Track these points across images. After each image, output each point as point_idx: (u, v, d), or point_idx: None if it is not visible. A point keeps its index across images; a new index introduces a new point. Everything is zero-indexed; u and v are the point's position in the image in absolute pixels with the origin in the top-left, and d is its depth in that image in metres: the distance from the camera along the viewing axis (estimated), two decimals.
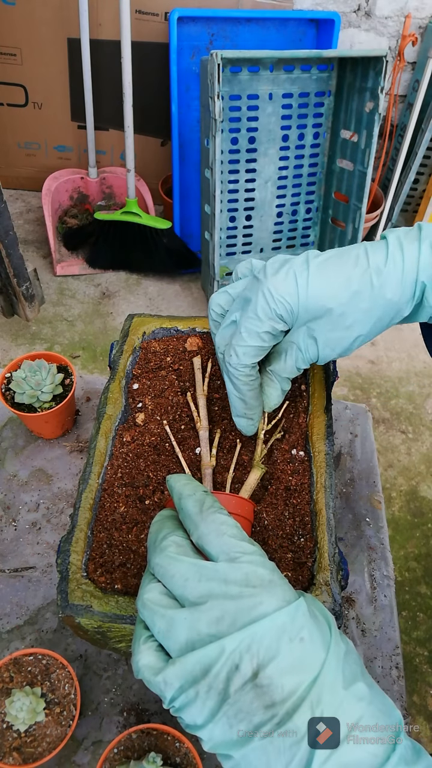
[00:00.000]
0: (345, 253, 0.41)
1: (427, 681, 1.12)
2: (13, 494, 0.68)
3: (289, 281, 0.40)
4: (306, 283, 0.40)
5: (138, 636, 0.32)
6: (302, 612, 0.29)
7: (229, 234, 1.67)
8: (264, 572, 0.31)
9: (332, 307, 0.40)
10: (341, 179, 1.63)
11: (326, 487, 0.48)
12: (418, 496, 1.44)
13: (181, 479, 0.36)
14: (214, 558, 0.31)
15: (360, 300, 0.40)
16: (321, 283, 0.40)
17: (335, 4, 1.69)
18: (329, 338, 0.42)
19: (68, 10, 1.66)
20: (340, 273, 0.40)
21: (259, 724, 0.27)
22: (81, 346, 1.67)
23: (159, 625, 0.30)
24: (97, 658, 0.58)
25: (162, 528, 0.34)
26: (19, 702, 0.49)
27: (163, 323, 0.61)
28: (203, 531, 0.32)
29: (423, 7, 1.68)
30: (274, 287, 0.41)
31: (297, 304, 0.41)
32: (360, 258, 0.40)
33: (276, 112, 1.51)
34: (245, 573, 0.30)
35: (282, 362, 0.46)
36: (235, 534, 0.32)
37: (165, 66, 1.63)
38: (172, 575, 0.31)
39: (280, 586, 0.30)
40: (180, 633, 0.29)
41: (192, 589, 0.30)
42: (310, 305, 0.41)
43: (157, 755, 0.47)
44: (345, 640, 0.31)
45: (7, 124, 1.93)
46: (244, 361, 0.43)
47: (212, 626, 0.29)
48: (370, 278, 0.40)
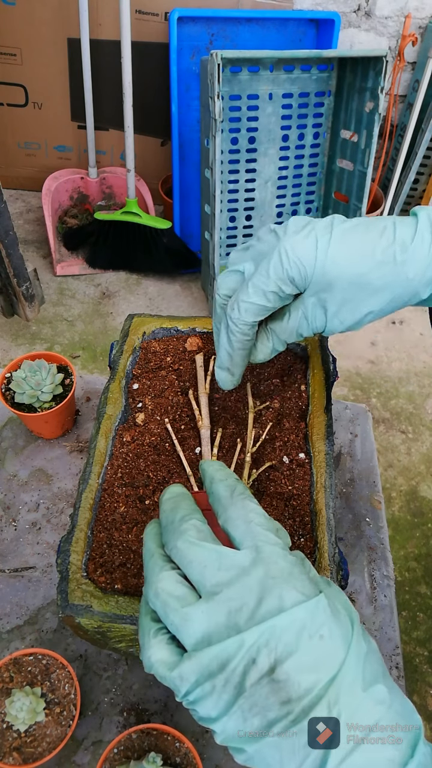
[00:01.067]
0: (372, 223, 0.39)
1: (427, 681, 1.12)
2: (13, 494, 0.68)
3: (308, 242, 0.38)
4: (326, 247, 0.38)
5: (147, 629, 0.31)
6: (323, 608, 0.29)
7: (229, 234, 1.67)
8: (285, 565, 0.30)
9: (350, 276, 0.38)
10: (341, 179, 1.63)
11: (326, 487, 0.48)
12: (418, 496, 1.44)
13: (214, 464, 0.36)
14: (238, 544, 0.31)
15: (380, 273, 0.38)
16: (342, 250, 0.38)
17: (335, 4, 1.69)
18: (340, 309, 0.40)
19: (68, 10, 1.66)
20: (365, 242, 0.38)
21: (274, 719, 0.27)
22: (81, 346, 1.67)
23: (173, 618, 0.29)
24: (97, 658, 0.58)
25: (178, 507, 0.34)
26: (19, 702, 0.49)
27: (163, 323, 0.61)
28: (231, 515, 0.32)
29: (423, 7, 1.68)
30: (292, 246, 0.38)
31: (313, 268, 0.38)
32: (387, 230, 0.38)
33: (276, 112, 1.51)
34: (266, 564, 0.30)
35: (284, 323, 0.44)
36: (262, 523, 0.32)
37: (165, 66, 1.63)
38: (191, 561, 0.30)
39: (299, 579, 0.30)
40: (196, 626, 0.29)
41: (210, 577, 0.29)
42: (327, 271, 0.38)
43: (157, 755, 0.47)
44: (367, 639, 0.30)
45: (7, 124, 1.93)
46: (245, 318, 0.42)
47: (230, 618, 0.28)
48: (394, 252, 0.38)
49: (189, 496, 0.35)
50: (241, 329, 0.42)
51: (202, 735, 0.54)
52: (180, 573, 0.31)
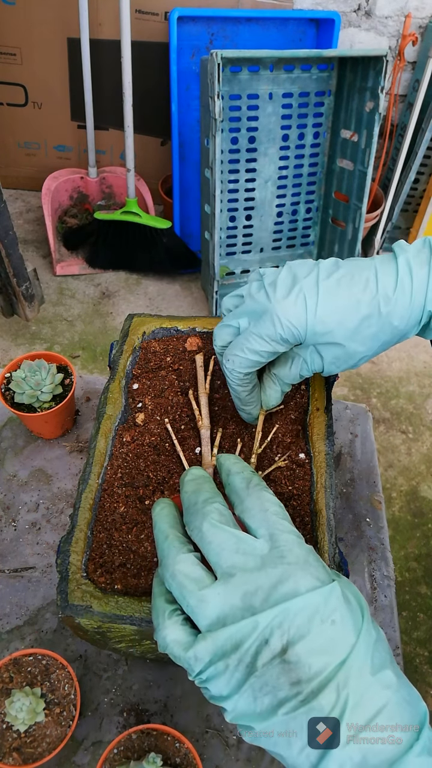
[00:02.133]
0: (356, 274, 0.41)
1: (427, 681, 1.12)
2: (13, 494, 0.68)
3: (298, 306, 0.41)
4: (315, 307, 0.41)
5: (161, 609, 0.32)
6: (336, 595, 0.30)
7: (229, 234, 1.67)
8: (300, 552, 0.31)
9: (340, 332, 0.42)
10: (341, 179, 1.63)
11: (326, 487, 0.48)
12: (418, 496, 1.43)
13: (231, 458, 0.38)
14: (255, 532, 0.32)
15: (367, 325, 0.41)
16: (330, 308, 0.41)
17: (335, 4, 1.69)
18: (335, 356, 0.44)
19: (68, 10, 1.66)
20: (350, 297, 0.41)
21: (284, 699, 0.28)
22: (81, 346, 1.67)
23: (189, 600, 0.30)
24: (97, 658, 0.58)
25: (201, 490, 0.35)
26: (19, 702, 0.49)
27: (163, 323, 0.61)
28: (248, 505, 0.33)
29: (423, 6, 1.68)
30: (283, 312, 0.41)
31: (305, 329, 0.42)
32: (369, 282, 0.41)
33: (276, 112, 1.51)
34: (282, 550, 0.31)
35: (286, 369, 0.48)
36: (278, 512, 0.33)
37: (165, 66, 1.62)
38: (210, 541, 0.31)
39: (314, 566, 0.31)
40: (211, 607, 0.29)
41: (227, 558, 0.30)
42: (317, 329, 0.41)
43: (157, 755, 0.47)
44: (377, 628, 0.31)
45: (7, 124, 1.93)
46: (239, 369, 0.45)
47: (245, 600, 0.29)
48: (378, 305, 0.40)
49: (210, 479, 0.36)
50: (237, 377, 0.46)
51: (202, 735, 0.54)
52: (197, 555, 0.32)
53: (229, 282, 1.76)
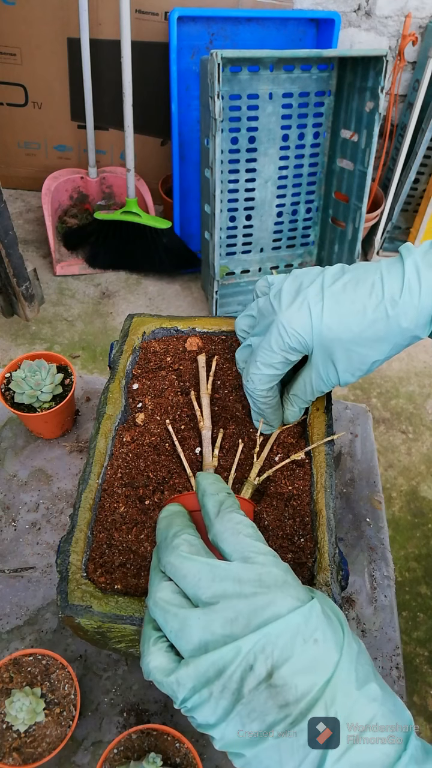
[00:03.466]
0: (361, 280, 0.41)
1: (428, 681, 1.12)
2: (13, 494, 0.68)
3: (302, 314, 0.41)
4: (320, 315, 0.41)
5: (147, 636, 0.31)
6: (316, 613, 0.29)
7: (229, 234, 1.67)
8: (278, 572, 0.31)
9: (347, 337, 0.41)
10: (341, 179, 1.63)
11: (326, 487, 0.48)
12: (418, 496, 1.43)
13: (209, 478, 0.37)
14: (228, 556, 0.32)
15: (375, 330, 0.41)
16: (335, 315, 0.41)
17: (335, 4, 1.69)
18: (348, 365, 0.44)
19: (68, 9, 1.66)
20: (355, 303, 0.41)
21: (273, 723, 0.28)
22: (81, 346, 1.67)
23: (171, 624, 0.30)
24: (97, 658, 0.58)
25: (171, 524, 0.34)
26: (19, 702, 0.49)
27: (163, 323, 0.61)
28: (219, 529, 0.32)
29: (423, 6, 1.68)
30: (288, 321, 0.42)
31: (311, 337, 0.42)
32: (375, 286, 0.40)
33: (276, 112, 1.51)
34: (259, 573, 0.30)
35: (304, 387, 0.48)
36: (251, 534, 0.32)
37: (165, 66, 1.62)
38: (185, 575, 0.31)
39: (293, 586, 0.30)
40: (193, 633, 0.29)
41: (205, 589, 0.30)
42: (324, 336, 0.42)
43: (157, 755, 0.47)
44: (357, 641, 0.31)
45: (7, 124, 1.93)
46: (260, 387, 0.47)
47: (226, 627, 0.29)
48: (385, 309, 0.40)
49: (184, 513, 0.36)
50: (259, 396, 0.48)
51: (202, 736, 0.54)
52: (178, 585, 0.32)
53: (229, 282, 1.76)
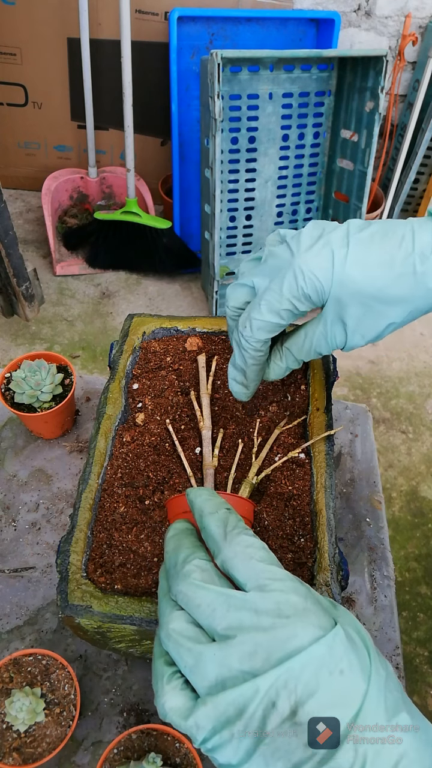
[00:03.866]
0: (390, 231, 0.37)
1: (428, 681, 1.12)
2: (13, 494, 0.68)
3: (324, 259, 0.37)
4: (343, 262, 0.37)
5: (160, 673, 0.29)
6: (340, 640, 0.27)
7: (229, 234, 1.67)
8: (297, 599, 0.28)
9: (369, 291, 0.37)
10: (341, 179, 1.63)
11: (326, 487, 0.48)
12: (418, 496, 1.43)
13: (202, 494, 0.34)
14: (242, 584, 0.29)
15: (400, 286, 0.37)
16: (360, 264, 0.37)
17: (335, 4, 1.69)
18: (360, 324, 0.39)
19: (68, 9, 1.66)
20: (383, 253, 0.37)
21: (299, 762, 0.26)
22: (81, 346, 1.67)
23: (186, 659, 0.28)
24: (97, 658, 0.57)
25: (180, 547, 0.32)
26: (19, 702, 0.49)
27: (163, 323, 0.61)
28: (228, 554, 0.30)
29: (423, 6, 1.68)
30: (306, 264, 0.37)
31: (330, 284, 0.37)
32: (405, 239, 0.37)
33: (276, 112, 1.51)
34: (276, 602, 0.28)
35: (301, 342, 0.43)
36: (264, 558, 0.30)
37: (165, 66, 1.62)
38: (198, 604, 0.29)
39: (314, 612, 0.28)
40: (209, 669, 0.27)
41: (220, 620, 0.28)
42: (344, 286, 0.37)
43: (157, 755, 0.47)
44: (384, 664, 0.29)
45: (7, 124, 1.93)
46: (257, 335, 0.41)
47: (245, 662, 0.27)
48: (413, 263, 0.36)
49: (192, 531, 0.34)
50: (253, 346, 0.42)
51: None
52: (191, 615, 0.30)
53: (229, 282, 1.76)
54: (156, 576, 0.43)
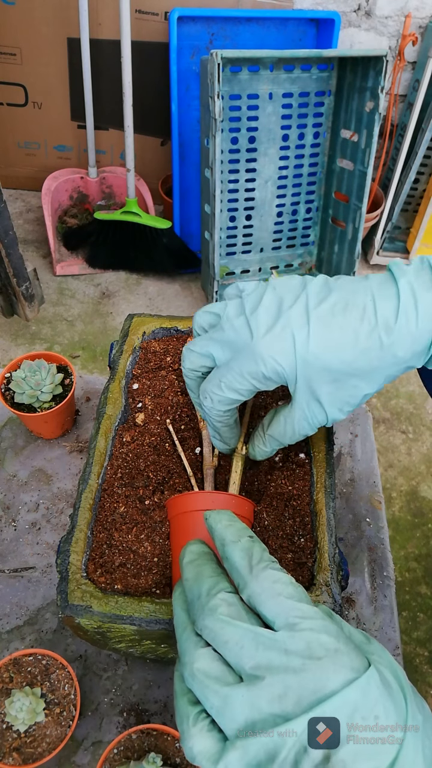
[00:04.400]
0: (350, 303, 0.36)
1: (428, 681, 1.12)
2: (13, 494, 0.68)
3: (285, 343, 0.36)
4: (306, 342, 0.36)
5: (185, 713, 0.28)
6: (375, 684, 0.26)
7: (229, 234, 1.66)
8: (328, 639, 0.27)
9: (337, 367, 0.36)
10: (341, 179, 1.63)
11: (326, 487, 0.48)
12: (418, 496, 1.43)
13: (222, 519, 0.33)
14: (270, 621, 0.29)
15: (367, 359, 0.36)
16: (323, 342, 0.36)
17: (335, 4, 1.69)
18: (335, 398, 0.39)
19: (68, 9, 1.66)
20: (346, 329, 0.36)
21: None
22: (81, 346, 1.67)
23: (212, 700, 0.27)
24: (97, 658, 0.58)
25: (201, 576, 0.31)
26: (19, 702, 0.49)
27: (163, 323, 0.61)
28: (255, 590, 0.29)
29: (423, 6, 1.68)
30: (267, 349, 0.36)
31: (293, 367, 0.37)
32: (367, 310, 0.36)
33: (276, 112, 1.51)
34: (307, 642, 0.27)
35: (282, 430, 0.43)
36: (292, 594, 0.29)
37: (165, 66, 1.62)
38: (225, 641, 0.28)
39: (346, 654, 0.27)
40: (238, 711, 0.26)
41: (249, 659, 0.27)
42: (310, 365, 0.37)
43: (157, 756, 0.47)
44: (421, 706, 0.28)
45: (7, 124, 1.93)
46: (219, 407, 0.41)
47: (274, 704, 0.26)
48: (378, 336, 0.35)
49: (212, 556, 0.33)
50: (216, 416, 0.42)
51: None
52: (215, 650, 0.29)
53: (229, 282, 1.75)
54: (156, 576, 0.43)
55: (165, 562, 0.44)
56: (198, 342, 0.41)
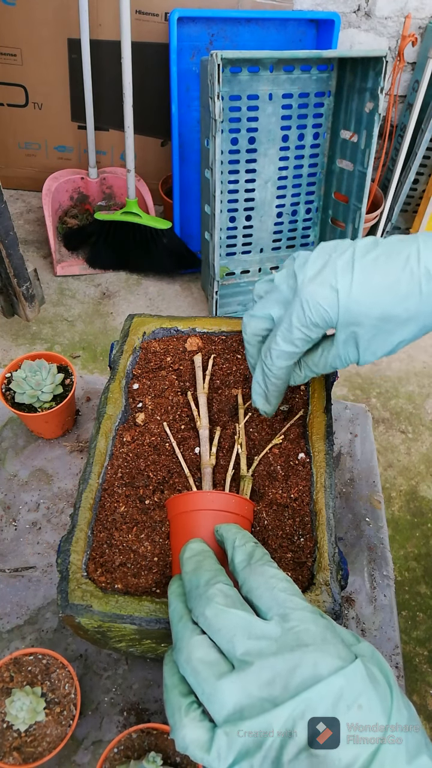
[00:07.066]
0: (395, 252, 0.38)
1: (427, 681, 1.12)
2: (14, 494, 0.68)
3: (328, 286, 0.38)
4: (348, 289, 0.38)
5: (176, 705, 0.29)
6: (360, 675, 0.27)
7: (229, 234, 1.67)
8: (317, 629, 0.29)
9: (376, 313, 0.38)
10: (341, 179, 1.64)
11: (326, 486, 0.48)
12: (417, 495, 1.44)
13: (231, 528, 0.35)
14: (264, 613, 0.30)
15: (406, 306, 0.38)
16: (365, 289, 0.38)
17: (335, 5, 1.69)
18: (371, 343, 0.40)
19: (68, 10, 1.66)
20: (387, 276, 0.37)
21: None
22: (81, 346, 1.67)
23: (204, 687, 0.28)
24: (97, 657, 0.58)
25: (200, 569, 0.32)
26: (20, 702, 0.49)
27: (163, 323, 0.61)
28: (252, 584, 0.31)
29: (423, 7, 1.68)
30: (312, 294, 0.38)
31: (336, 313, 0.39)
32: (411, 258, 0.37)
33: (276, 113, 1.51)
34: (297, 631, 0.28)
35: (318, 358, 0.45)
36: (286, 588, 0.30)
37: (165, 66, 1.63)
38: (220, 628, 0.29)
39: (334, 644, 0.28)
40: (227, 696, 0.27)
41: (240, 645, 0.28)
42: (352, 310, 0.38)
43: (157, 755, 0.47)
44: (407, 704, 0.28)
45: (8, 125, 1.93)
46: (278, 363, 0.43)
47: (263, 689, 0.27)
48: (419, 283, 0.37)
49: (211, 553, 0.34)
50: (276, 373, 0.44)
51: None
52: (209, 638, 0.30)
53: (229, 282, 1.76)
54: (156, 575, 0.43)
55: (165, 561, 0.44)
56: (256, 306, 0.44)
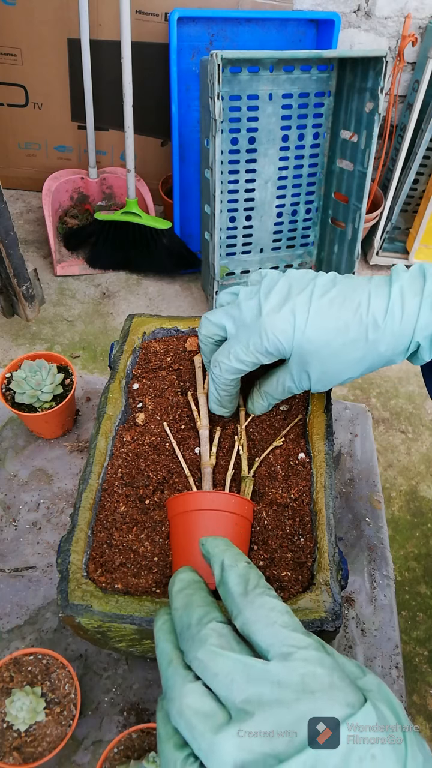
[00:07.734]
0: (349, 297, 0.41)
1: (427, 681, 1.12)
2: (14, 494, 0.68)
3: (286, 323, 0.42)
4: (304, 326, 0.41)
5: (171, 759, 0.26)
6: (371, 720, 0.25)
7: (229, 234, 1.67)
8: (323, 672, 0.26)
9: (326, 352, 0.42)
10: (341, 179, 1.64)
11: (326, 486, 0.48)
12: (417, 495, 1.44)
13: (219, 544, 0.32)
14: (263, 651, 0.27)
15: (353, 349, 0.42)
16: (318, 328, 0.41)
17: (335, 5, 1.69)
18: (321, 377, 0.44)
19: (68, 10, 1.66)
20: (339, 320, 0.41)
21: None
22: (81, 346, 1.67)
23: (200, 743, 0.25)
24: (98, 657, 0.58)
25: (191, 605, 0.30)
26: (19, 702, 0.49)
27: (163, 323, 0.61)
28: (249, 617, 0.28)
29: (423, 7, 1.68)
30: (271, 326, 0.42)
31: (290, 345, 0.42)
32: (361, 306, 0.41)
33: (276, 113, 1.51)
34: (301, 674, 0.26)
35: (275, 386, 0.49)
36: (287, 623, 0.28)
37: (165, 66, 1.63)
38: (216, 673, 0.26)
39: (342, 689, 0.26)
40: (227, 755, 0.24)
41: (239, 692, 0.26)
42: (304, 347, 0.42)
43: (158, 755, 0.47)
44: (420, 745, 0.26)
45: (8, 125, 1.93)
46: (226, 376, 0.47)
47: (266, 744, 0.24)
48: (366, 331, 0.41)
49: (202, 585, 0.32)
50: (223, 383, 0.48)
51: None
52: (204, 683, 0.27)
53: (229, 282, 1.76)
54: (156, 575, 0.43)
55: (165, 561, 0.44)
56: (215, 313, 0.47)
